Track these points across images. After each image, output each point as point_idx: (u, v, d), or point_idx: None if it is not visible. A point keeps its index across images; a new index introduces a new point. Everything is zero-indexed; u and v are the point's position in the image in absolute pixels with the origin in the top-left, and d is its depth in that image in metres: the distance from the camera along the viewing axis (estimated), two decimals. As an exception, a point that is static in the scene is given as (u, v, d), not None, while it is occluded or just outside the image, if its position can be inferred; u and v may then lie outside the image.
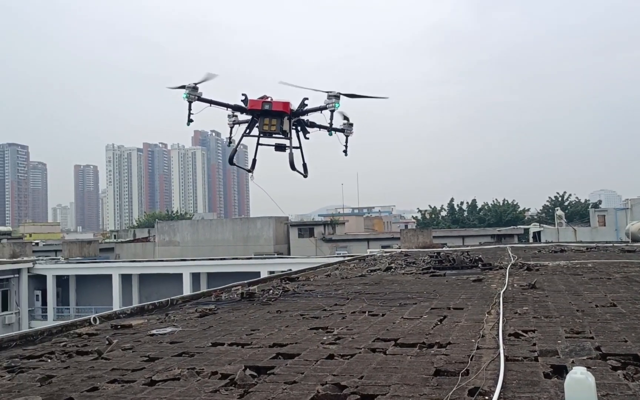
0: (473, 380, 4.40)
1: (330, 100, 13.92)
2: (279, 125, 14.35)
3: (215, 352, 5.84)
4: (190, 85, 13.80)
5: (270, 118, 14.25)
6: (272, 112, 14.17)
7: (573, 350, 5.13)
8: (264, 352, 5.80)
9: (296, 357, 5.48)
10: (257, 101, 14.08)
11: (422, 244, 33.45)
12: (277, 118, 14.32)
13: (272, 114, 14.22)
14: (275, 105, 14.14)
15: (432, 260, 17.23)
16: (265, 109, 14.15)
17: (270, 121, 14.28)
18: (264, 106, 14.11)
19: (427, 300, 9.34)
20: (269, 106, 14.10)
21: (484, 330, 6.47)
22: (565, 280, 11.63)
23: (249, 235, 54.58)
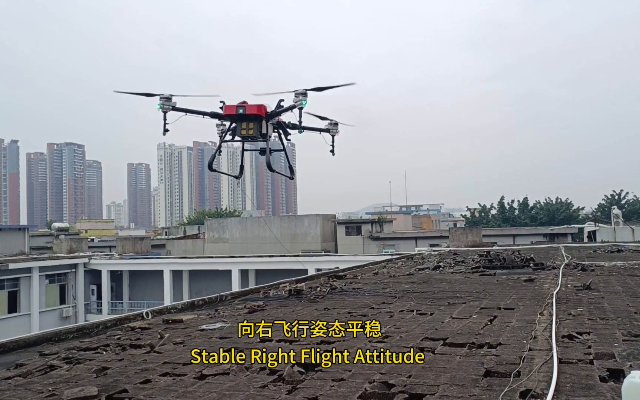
0: (525, 382, 4.31)
1: (297, 99, 14.01)
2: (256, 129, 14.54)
3: (264, 348, 5.94)
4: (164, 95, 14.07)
5: (247, 122, 14.42)
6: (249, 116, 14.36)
7: (631, 353, 4.94)
8: (312, 348, 5.84)
9: (344, 354, 5.50)
10: (231, 106, 14.33)
11: (472, 243, 32.89)
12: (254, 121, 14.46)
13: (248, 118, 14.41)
14: (249, 108, 14.33)
15: (481, 260, 16.93)
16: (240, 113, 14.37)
17: (248, 125, 14.44)
18: (238, 110, 14.34)
19: (477, 299, 9.19)
20: (243, 110, 14.30)
21: (536, 331, 6.32)
22: (623, 281, 11.19)
23: (296, 232, 55.00)
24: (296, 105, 14.47)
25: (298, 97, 14.27)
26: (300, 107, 14.37)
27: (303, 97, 14.15)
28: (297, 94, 14.35)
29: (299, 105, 14.38)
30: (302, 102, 14.31)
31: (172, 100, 14.34)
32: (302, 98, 14.17)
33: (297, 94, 14.33)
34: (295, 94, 14.54)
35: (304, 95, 14.16)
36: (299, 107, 14.45)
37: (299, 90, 14.38)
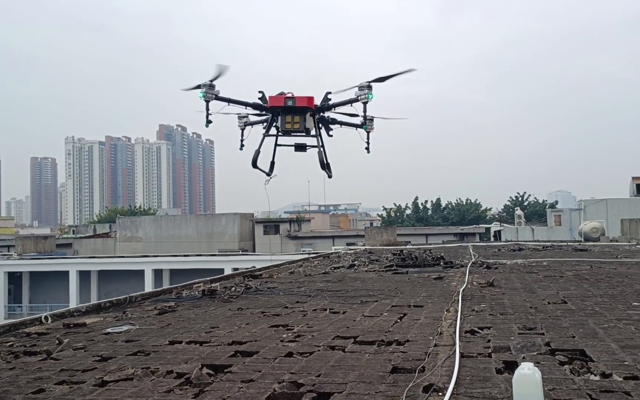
0: (428, 377, 4.47)
1: (362, 92, 13.16)
2: (302, 123, 13.58)
3: (172, 351, 5.77)
4: (206, 83, 12.96)
5: (292, 115, 13.46)
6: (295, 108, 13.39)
7: (524, 346, 5.27)
8: (223, 350, 5.75)
9: (255, 355, 5.46)
10: (278, 98, 13.38)
11: (387, 242, 33.76)
12: (300, 115, 13.54)
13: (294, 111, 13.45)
14: (298, 100, 13.38)
15: (395, 258, 17.40)
16: (288, 105, 13.36)
17: (293, 119, 13.51)
18: (287, 102, 13.35)
19: (388, 297, 9.43)
20: (292, 102, 13.34)
21: (442, 327, 6.57)
22: (522, 278, 11.92)
23: (213, 231, 54.08)
24: (360, 99, 13.49)
25: (363, 91, 13.32)
26: (365, 101, 13.44)
27: (368, 91, 13.21)
28: (361, 87, 13.37)
29: (364, 99, 13.45)
30: (367, 96, 13.36)
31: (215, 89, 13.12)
32: (368, 91, 13.23)
33: (362, 87, 13.37)
34: (359, 87, 13.53)
35: (369, 89, 13.21)
36: (363, 102, 13.51)
37: (363, 83, 13.33)
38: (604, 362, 4.72)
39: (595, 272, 12.81)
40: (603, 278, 11.57)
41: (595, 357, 4.90)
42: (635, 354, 5.00)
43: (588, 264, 15.25)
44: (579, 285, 10.35)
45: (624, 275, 12.15)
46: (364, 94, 13.19)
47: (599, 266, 14.47)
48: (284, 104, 13.20)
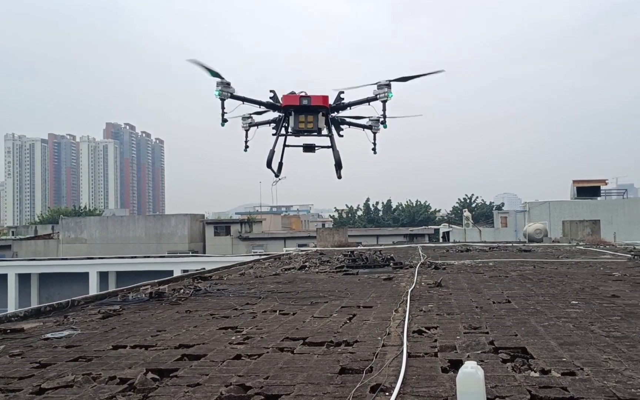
0: (376, 377, 4.50)
1: (382, 91, 12.99)
2: (316, 122, 13.40)
3: (116, 356, 5.60)
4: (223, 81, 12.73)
5: (306, 114, 13.22)
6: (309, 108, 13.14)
7: (469, 345, 5.39)
8: (169, 353, 5.63)
9: (202, 358, 5.37)
10: (293, 97, 13.16)
11: (338, 243, 33.91)
12: (314, 114, 13.30)
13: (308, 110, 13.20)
14: (314, 99, 13.20)
15: (345, 259, 17.50)
16: (304, 104, 13.16)
17: (307, 118, 13.28)
18: (302, 101, 13.15)
19: (339, 298, 9.47)
20: (308, 101, 13.17)
21: (390, 327, 6.65)
22: (469, 278, 12.22)
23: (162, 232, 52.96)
24: (379, 97, 13.29)
25: (382, 89, 13.13)
26: (384, 100, 13.24)
27: (388, 89, 13.04)
28: (381, 85, 13.15)
29: (383, 97, 13.26)
30: (387, 95, 13.19)
31: (230, 87, 12.82)
32: (387, 90, 13.07)
33: (381, 86, 13.17)
34: (378, 85, 13.28)
35: (388, 87, 13.03)
36: (382, 100, 13.29)
37: (382, 81, 13.13)
38: (544, 359, 4.89)
39: (538, 272, 13.27)
40: (545, 278, 11.99)
41: (535, 354, 5.07)
42: (572, 350, 5.20)
43: (531, 264, 15.78)
44: (523, 285, 10.69)
45: (564, 274, 12.64)
46: (383, 92, 13.10)
47: (541, 266, 14.99)
48: (299, 103, 12.98)
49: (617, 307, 7.85)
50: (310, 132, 13.45)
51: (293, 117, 13.02)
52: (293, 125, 13.02)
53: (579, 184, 58.92)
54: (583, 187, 58.50)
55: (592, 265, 14.96)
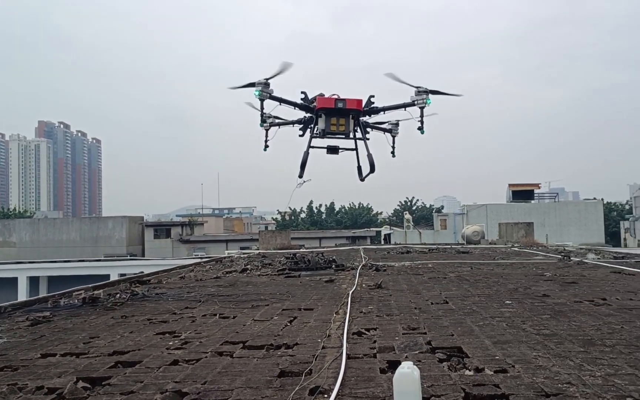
0: (315, 380, 4.50)
1: (419, 97, 13.20)
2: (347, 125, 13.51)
3: (45, 364, 5.33)
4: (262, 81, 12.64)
5: (338, 117, 13.31)
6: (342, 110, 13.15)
7: (407, 345, 5.48)
8: (102, 361, 5.42)
9: (137, 365, 5.20)
10: (328, 99, 13.14)
11: (281, 246, 33.77)
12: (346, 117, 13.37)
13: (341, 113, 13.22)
14: (349, 103, 13.23)
15: (288, 262, 17.45)
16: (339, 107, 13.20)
17: (338, 121, 13.40)
18: (337, 104, 13.20)
19: (280, 301, 9.43)
20: (343, 104, 13.20)
21: (330, 330, 6.67)
22: (408, 280, 12.45)
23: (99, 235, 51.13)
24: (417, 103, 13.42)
25: (421, 96, 13.30)
26: (422, 106, 13.36)
27: (426, 96, 13.19)
28: (419, 92, 13.30)
29: (421, 104, 13.38)
30: (425, 101, 13.32)
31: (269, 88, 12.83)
32: (426, 97, 13.23)
33: (420, 92, 13.32)
34: (416, 92, 13.41)
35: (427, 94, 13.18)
36: (420, 106, 13.42)
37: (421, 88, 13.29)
38: (478, 357, 5.04)
39: (475, 273, 13.69)
40: (481, 279, 12.38)
41: (470, 353, 5.21)
42: (505, 348, 5.38)
43: (469, 265, 16.26)
44: (460, 286, 11.00)
45: (499, 275, 13.10)
46: (421, 99, 13.31)
47: (478, 267, 15.48)
48: (334, 105, 13.04)
49: (547, 306, 8.20)
50: (340, 135, 13.60)
51: (324, 120, 13.14)
52: (324, 127, 13.16)
53: (515, 187, 61.41)
54: (518, 190, 61.02)
55: (526, 266, 15.59)
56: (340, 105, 13.21)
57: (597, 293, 9.55)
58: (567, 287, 10.49)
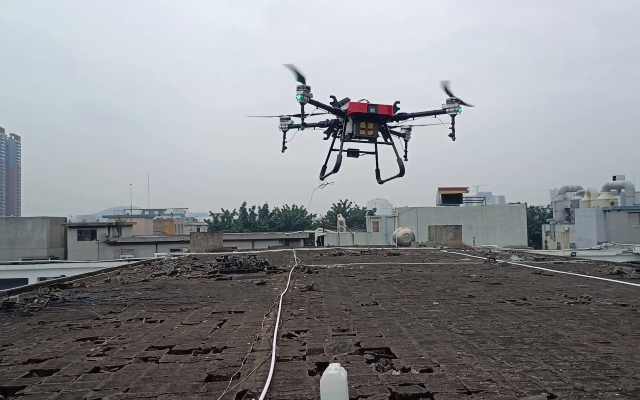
0: (243, 383, 4.43)
1: (451, 105, 13.61)
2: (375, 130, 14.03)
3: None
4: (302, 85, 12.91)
5: (367, 122, 13.74)
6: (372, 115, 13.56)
7: (336, 347, 5.50)
8: (15, 370, 5.09)
9: (54, 373, 4.92)
10: (361, 104, 13.59)
11: (212, 248, 33.26)
12: (375, 122, 13.81)
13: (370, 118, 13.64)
14: (381, 108, 13.64)
15: (219, 264, 17.19)
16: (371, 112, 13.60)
17: (367, 125, 13.86)
18: (370, 109, 13.60)
19: (210, 304, 9.25)
20: (375, 110, 13.62)
21: (260, 332, 6.60)
22: (340, 282, 12.56)
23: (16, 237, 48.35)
24: (448, 111, 13.79)
25: (452, 104, 13.69)
26: (453, 114, 13.76)
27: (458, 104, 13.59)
28: (450, 100, 13.71)
29: (453, 112, 13.79)
30: (457, 109, 13.72)
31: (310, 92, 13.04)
32: (457, 105, 13.65)
33: (451, 101, 13.69)
34: (447, 100, 13.83)
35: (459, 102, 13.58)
36: (451, 114, 13.79)
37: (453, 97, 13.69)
38: (405, 358, 5.13)
39: (405, 275, 14.00)
40: (411, 280, 12.68)
41: (397, 353, 5.30)
42: (431, 348, 5.52)
43: (399, 267, 16.62)
44: (390, 288, 11.21)
45: (428, 277, 13.46)
46: (453, 107, 13.81)
47: (408, 269, 15.85)
48: (367, 110, 13.51)
49: (472, 306, 8.50)
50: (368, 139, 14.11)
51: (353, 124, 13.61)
52: (353, 131, 13.62)
53: (444, 191, 63.45)
54: (447, 194, 63.07)
55: (453, 268, 16.12)
56: (373, 110, 13.78)
57: (519, 293, 10.00)
58: (492, 288, 10.92)
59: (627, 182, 72.51)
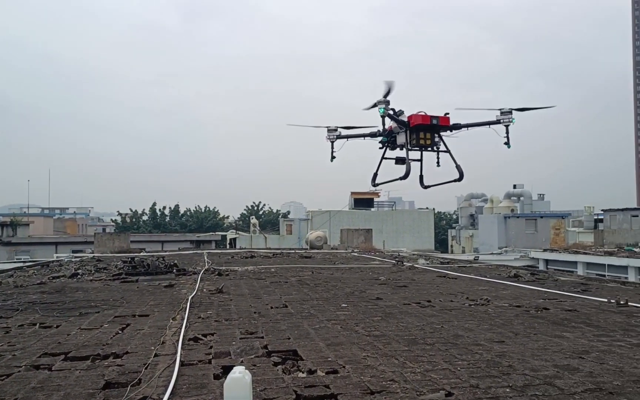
0: (144, 390, 4.25)
1: (505, 117, 15.12)
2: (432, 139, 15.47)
3: None
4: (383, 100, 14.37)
5: (425, 132, 15.34)
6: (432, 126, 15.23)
7: (243, 350, 5.43)
8: None
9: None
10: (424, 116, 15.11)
11: (119, 249, 31.93)
12: (432, 132, 15.41)
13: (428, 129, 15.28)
14: (442, 120, 15.30)
15: (125, 266, 16.52)
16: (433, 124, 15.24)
17: (426, 135, 15.42)
18: (432, 121, 15.23)
19: (113, 308, 8.84)
20: (437, 121, 15.27)
21: (165, 336, 6.38)
22: (250, 284, 12.44)
23: None
24: (502, 122, 15.32)
25: (506, 115, 15.21)
26: (507, 124, 15.21)
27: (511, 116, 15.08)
28: (504, 112, 15.20)
29: (507, 122, 15.29)
30: (511, 120, 15.26)
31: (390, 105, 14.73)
32: (511, 116, 15.16)
33: (504, 112, 15.18)
34: (501, 111, 15.32)
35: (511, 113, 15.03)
36: (505, 124, 15.28)
37: (504, 108, 15.08)
38: (312, 359, 5.15)
39: (316, 278, 14.12)
40: (321, 283, 12.80)
41: (304, 355, 5.31)
42: (337, 350, 5.58)
43: (310, 269, 16.75)
44: (300, 290, 11.25)
45: (338, 279, 13.66)
46: (507, 118, 15.23)
47: (319, 272, 16.00)
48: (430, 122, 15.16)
49: (379, 308, 8.71)
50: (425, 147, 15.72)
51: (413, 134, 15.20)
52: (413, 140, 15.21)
53: (356, 195, 64.76)
54: (359, 198, 64.43)
55: (363, 271, 16.47)
56: (435, 122, 15.42)
57: (424, 295, 10.39)
58: (399, 291, 11.26)
59: (525, 190, 77.85)
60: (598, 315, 7.99)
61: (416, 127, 15.73)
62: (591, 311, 8.37)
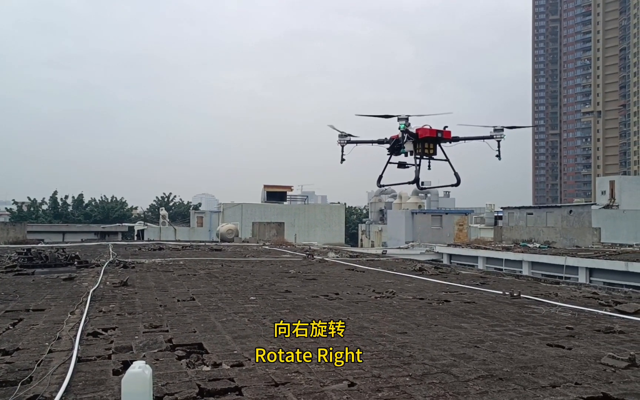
0: (35, 388, 4.02)
1: (498, 133, 17.05)
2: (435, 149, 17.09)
3: None
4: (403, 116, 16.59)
5: (429, 143, 16.92)
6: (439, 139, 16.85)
7: (146, 344, 5.28)
8: None
9: None
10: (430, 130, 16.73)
11: (14, 240, 29.99)
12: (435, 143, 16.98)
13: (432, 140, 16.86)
14: (445, 133, 16.95)
15: (20, 258, 15.49)
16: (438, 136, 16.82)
17: (429, 145, 16.98)
18: (438, 134, 16.80)
19: (4, 302, 8.27)
20: (441, 134, 16.85)
21: (62, 331, 6.06)
22: (157, 277, 12.10)
23: None
24: (495, 137, 17.14)
25: (499, 132, 17.06)
26: (499, 139, 17.11)
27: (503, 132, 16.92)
28: (497, 129, 17.07)
29: (499, 138, 17.11)
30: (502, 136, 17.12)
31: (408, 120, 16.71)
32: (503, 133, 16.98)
33: (497, 129, 17.04)
34: (494, 128, 17.17)
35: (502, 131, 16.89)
36: (497, 139, 17.13)
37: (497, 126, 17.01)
38: (217, 353, 5.10)
39: (225, 270, 13.97)
40: (230, 276, 12.69)
41: (210, 349, 5.25)
42: (244, 343, 5.57)
43: (220, 262, 16.54)
44: (209, 283, 11.09)
45: (248, 272, 13.60)
46: (499, 134, 17.19)
47: (229, 265, 15.85)
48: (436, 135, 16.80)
49: (287, 301, 8.78)
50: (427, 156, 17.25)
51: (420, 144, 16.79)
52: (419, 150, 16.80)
53: (269, 188, 64.63)
54: (272, 191, 64.35)
55: (274, 264, 16.50)
56: (440, 135, 16.93)
57: (332, 288, 10.59)
58: (308, 283, 11.40)
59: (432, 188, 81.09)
60: (493, 306, 8.53)
61: (424, 138, 17.31)
62: (487, 303, 8.91)
